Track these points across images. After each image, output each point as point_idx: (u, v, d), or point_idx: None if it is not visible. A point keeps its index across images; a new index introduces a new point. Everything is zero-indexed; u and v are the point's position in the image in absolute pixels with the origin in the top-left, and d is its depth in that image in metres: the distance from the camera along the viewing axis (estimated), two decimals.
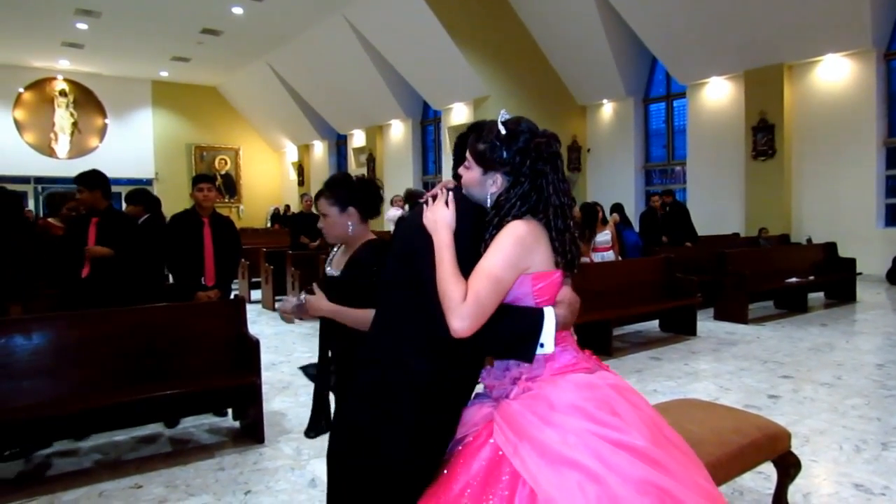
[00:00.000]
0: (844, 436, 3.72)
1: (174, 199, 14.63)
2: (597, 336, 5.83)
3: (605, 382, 1.61)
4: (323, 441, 3.78)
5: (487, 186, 1.69)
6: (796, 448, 2.77)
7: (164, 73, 20.66)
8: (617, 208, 9.68)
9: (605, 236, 7.72)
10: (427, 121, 17.97)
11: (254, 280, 10.09)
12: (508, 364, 1.67)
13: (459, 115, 15.69)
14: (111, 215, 4.41)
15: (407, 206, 7.76)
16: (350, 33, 15.75)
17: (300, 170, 22.92)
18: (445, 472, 1.61)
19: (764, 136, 12.15)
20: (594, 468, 1.42)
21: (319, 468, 3.41)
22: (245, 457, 3.63)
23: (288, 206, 21.24)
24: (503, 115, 1.71)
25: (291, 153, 23.78)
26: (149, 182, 20.79)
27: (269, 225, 20.32)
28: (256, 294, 9.96)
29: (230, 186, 23.26)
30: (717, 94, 13.28)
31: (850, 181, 11.37)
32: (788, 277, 8.33)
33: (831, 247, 9.52)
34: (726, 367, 5.48)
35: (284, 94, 20.33)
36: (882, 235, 10.96)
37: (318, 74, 18.37)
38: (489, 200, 1.69)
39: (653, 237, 10.00)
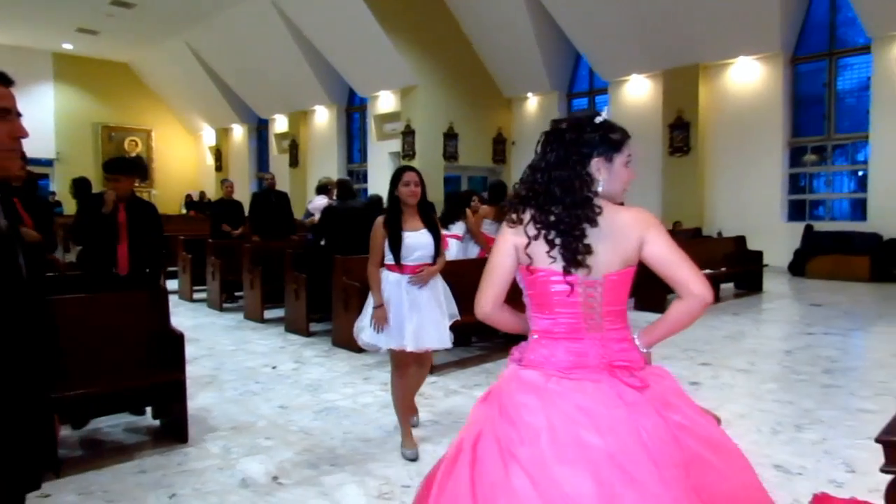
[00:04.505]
0: (762, 419, 3.92)
1: None
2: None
3: (554, 388, 1.54)
4: (254, 437, 3.67)
5: None
6: None
7: (69, 46, 19.22)
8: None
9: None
10: (353, 108, 17.63)
11: (170, 269, 9.57)
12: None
13: (386, 103, 15.48)
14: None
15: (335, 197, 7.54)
16: (274, 13, 15.20)
17: (218, 154, 21.98)
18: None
19: (680, 134, 12.70)
20: (465, 451, 1.50)
21: (251, 467, 3.26)
22: (168, 458, 3.41)
23: (203, 193, 20.32)
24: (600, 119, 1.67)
25: (209, 137, 22.77)
26: (49, 163, 19.40)
27: (184, 211, 19.39)
28: (173, 284, 9.46)
29: (141, 170, 21.97)
30: (638, 92, 13.74)
31: (757, 178, 12.07)
32: (702, 269, 8.68)
33: (741, 240, 10.07)
34: None
35: (203, 74, 19.41)
36: (785, 229, 11.71)
37: (239, 55, 17.62)
38: None
39: None
